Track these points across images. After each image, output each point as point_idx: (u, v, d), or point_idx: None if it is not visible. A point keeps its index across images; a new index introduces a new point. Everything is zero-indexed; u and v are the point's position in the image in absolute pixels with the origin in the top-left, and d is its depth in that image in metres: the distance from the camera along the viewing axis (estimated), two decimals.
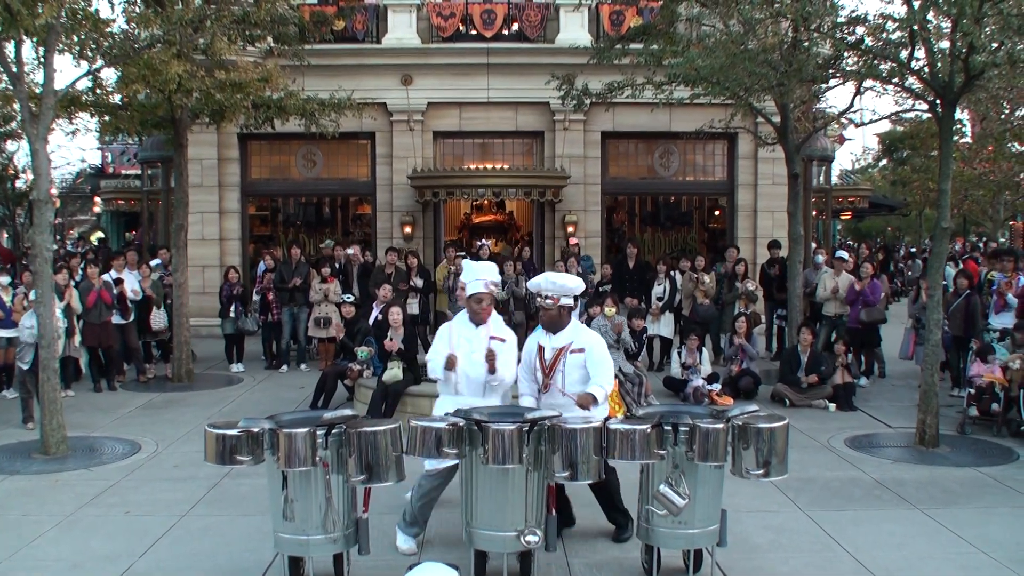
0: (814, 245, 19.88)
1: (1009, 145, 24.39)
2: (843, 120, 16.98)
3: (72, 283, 14.06)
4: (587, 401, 6.77)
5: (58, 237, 34.95)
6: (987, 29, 9.64)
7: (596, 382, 6.94)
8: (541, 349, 7.19)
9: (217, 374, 15.82)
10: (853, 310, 14.59)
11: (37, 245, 10.65)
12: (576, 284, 7.25)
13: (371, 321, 13.45)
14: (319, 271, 15.96)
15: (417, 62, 20.40)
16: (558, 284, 7.14)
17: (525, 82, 19.97)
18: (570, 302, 7.21)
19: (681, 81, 13.40)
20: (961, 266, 16.97)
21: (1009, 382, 11.31)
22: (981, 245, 27.28)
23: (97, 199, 34.63)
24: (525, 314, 16.27)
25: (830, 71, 12.44)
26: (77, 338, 13.58)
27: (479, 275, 7.26)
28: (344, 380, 12.75)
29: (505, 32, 20.50)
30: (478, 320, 7.22)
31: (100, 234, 36.99)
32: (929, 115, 11.75)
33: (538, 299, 7.24)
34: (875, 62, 11.17)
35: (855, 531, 7.78)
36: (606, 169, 21.17)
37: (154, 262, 16.72)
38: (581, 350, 7.05)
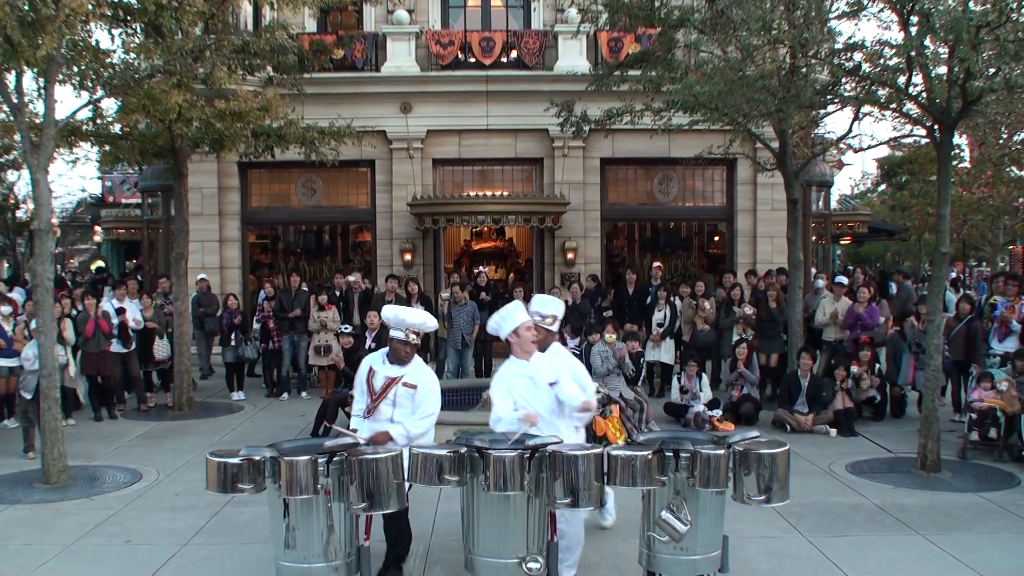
0: (814, 270, 19.87)
1: (1008, 170, 24.45)
2: (842, 146, 17.00)
3: (74, 312, 14.09)
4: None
5: (59, 267, 34.95)
6: (984, 55, 9.69)
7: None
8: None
9: (218, 402, 15.78)
10: (852, 334, 14.60)
11: (38, 275, 10.64)
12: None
13: (366, 348, 13.46)
14: (317, 299, 15.96)
15: (416, 90, 20.47)
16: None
17: (524, 109, 20.06)
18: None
19: (680, 107, 13.42)
20: (962, 292, 16.95)
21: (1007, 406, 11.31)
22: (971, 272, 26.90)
23: (97, 228, 34.70)
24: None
25: (828, 97, 12.48)
26: (72, 369, 13.53)
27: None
28: (345, 408, 12.72)
29: (504, 60, 20.52)
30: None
31: (100, 263, 37.02)
32: (927, 140, 11.78)
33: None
34: (873, 88, 11.23)
35: (857, 557, 7.76)
36: (605, 195, 21.19)
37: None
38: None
